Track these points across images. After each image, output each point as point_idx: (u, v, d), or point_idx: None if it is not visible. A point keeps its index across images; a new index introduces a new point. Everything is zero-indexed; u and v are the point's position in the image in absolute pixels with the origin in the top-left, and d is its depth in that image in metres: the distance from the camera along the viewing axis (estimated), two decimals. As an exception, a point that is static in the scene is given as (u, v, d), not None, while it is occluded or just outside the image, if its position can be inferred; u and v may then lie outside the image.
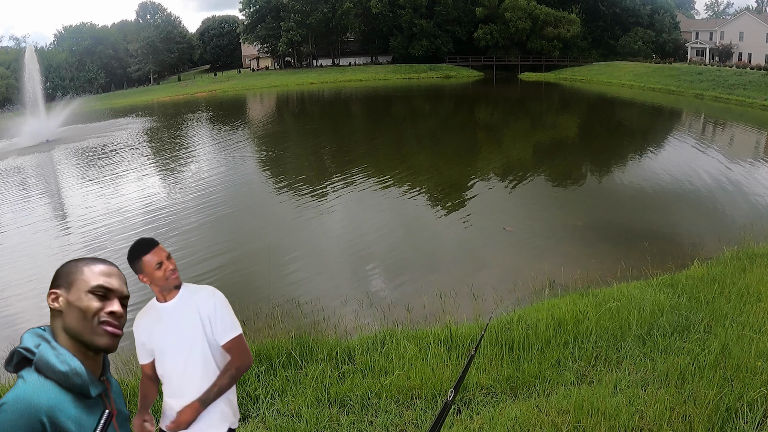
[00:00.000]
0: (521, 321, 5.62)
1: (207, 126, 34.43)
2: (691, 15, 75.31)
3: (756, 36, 50.08)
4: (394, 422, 4.11)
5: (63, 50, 63.96)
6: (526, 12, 58.26)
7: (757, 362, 4.35)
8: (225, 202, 15.50)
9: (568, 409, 3.98)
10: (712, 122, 30.59)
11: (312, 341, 5.33)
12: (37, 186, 19.52)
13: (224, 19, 78.13)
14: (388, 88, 53.08)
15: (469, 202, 14.86)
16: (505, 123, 32.96)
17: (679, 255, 9.68)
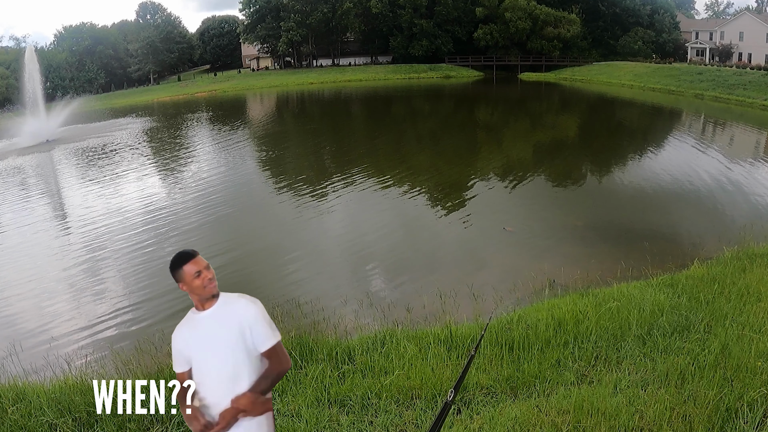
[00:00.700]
0: (521, 321, 5.62)
1: (207, 126, 34.42)
2: (691, 15, 75.27)
3: (756, 36, 50.05)
4: (394, 422, 4.11)
5: (63, 50, 63.87)
6: (526, 12, 58.22)
7: (757, 362, 4.35)
8: (225, 202, 15.50)
9: (568, 409, 3.98)
10: (712, 122, 30.58)
11: (312, 341, 5.33)
12: (37, 186, 19.52)
13: (224, 19, 78.06)
14: (388, 88, 53.07)
15: (469, 202, 14.85)
16: (505, 123, 32.95)
17: (679, 255, 9.68)
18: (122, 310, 9.09)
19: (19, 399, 4.59)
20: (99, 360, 6.87)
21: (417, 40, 62.02)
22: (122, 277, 10.54)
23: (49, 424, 4.21)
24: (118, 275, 10.63)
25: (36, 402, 4.44)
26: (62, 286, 10.28)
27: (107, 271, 10.86)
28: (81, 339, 8.14)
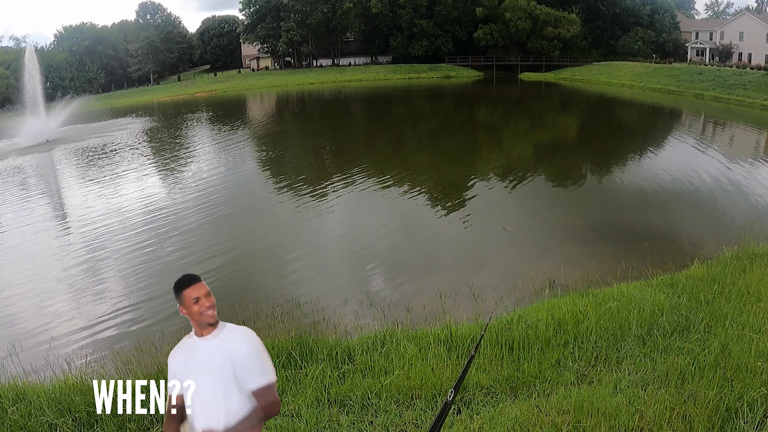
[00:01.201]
0: (521, 321, 5.62)
1: (207, 126, 34.42)
2: (691, 15, 75.23)
3: (756, 36, 50.03)
4: (394, 422, 4.11)
5: (63, 50, 63.82)
6: (526, 12, 58.20)
7: (757, 362, 4.35)
8: (225, 202, 15.50)
9: (568, 409, 3.98)
10: (712, 122, 30.57)
11: (312, 341, 5.33)
12: (37, 186, 19.51)
13: (224, 19, 78.03)
14: (388, 88, 53.06)
15: (469, 202, 14.85)
16: (505, 123, 32.95)
17: (679, 255, 9.67)
18: (122, 310, 9.09)
19: (19, 399, 4.59)
20: (99, 360, 6.87)
21: (417, 40, 61.99)
22: (122, 277, 10.54)
23: (49, 424, 4.21)
24: (118, 275, 10.63)
25: (36, 402, 4.44)
26: (62, 286, 10.28)
27: (107, 271, 10.85)
28: (81, 339, 8.14)
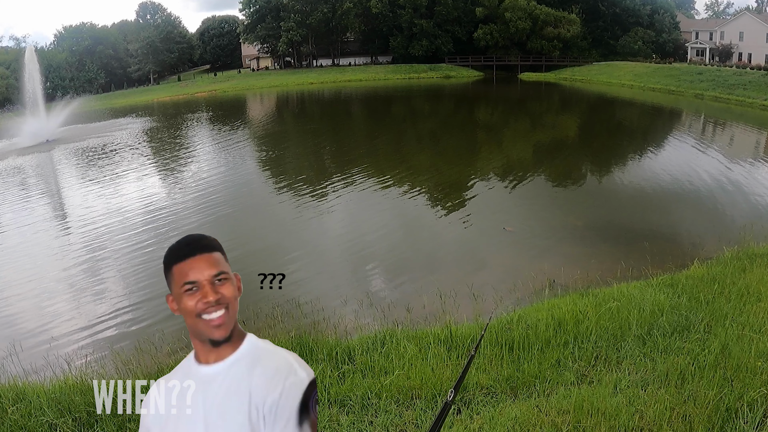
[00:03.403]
0: (521, 321, 5.62)
1: (207, 126, 34.42)
2: (691, 15, 75.22)
3: (756, 36, 50.03)
4: (394, 422, 4.11)
5: (63, 50, 63.82)
6: (526, 12, 58.21)
7: (757, 362, 4.34)
8: (225, 202, 15.49)
9: (568, 409, 3.98)
10: (712, 122, 30.57)
11: (312, 341, 5.33)
12: (37, 186, 19.51)
13: (224, 19, 78.04)
14: (388, 88, 53.05)
15: (469, 202, 14.85)
16: (505, 123, 32.95)
17: (679, 255, 9.67)
18: (122, 310, 9.08)
19: (19, 399, 4.58)
20: (99, 360, 6.86)
21: (417, 40, 62.00)
22: (122, 277, 10.54)
23: (49, 424, 4.20)
24: (118, 275, 10.63)
25: (36, 402, 4.44)
26: (62, 286, 10.28)
27: (107, 271, 10.85)
28: (81, 339, 8.13)
